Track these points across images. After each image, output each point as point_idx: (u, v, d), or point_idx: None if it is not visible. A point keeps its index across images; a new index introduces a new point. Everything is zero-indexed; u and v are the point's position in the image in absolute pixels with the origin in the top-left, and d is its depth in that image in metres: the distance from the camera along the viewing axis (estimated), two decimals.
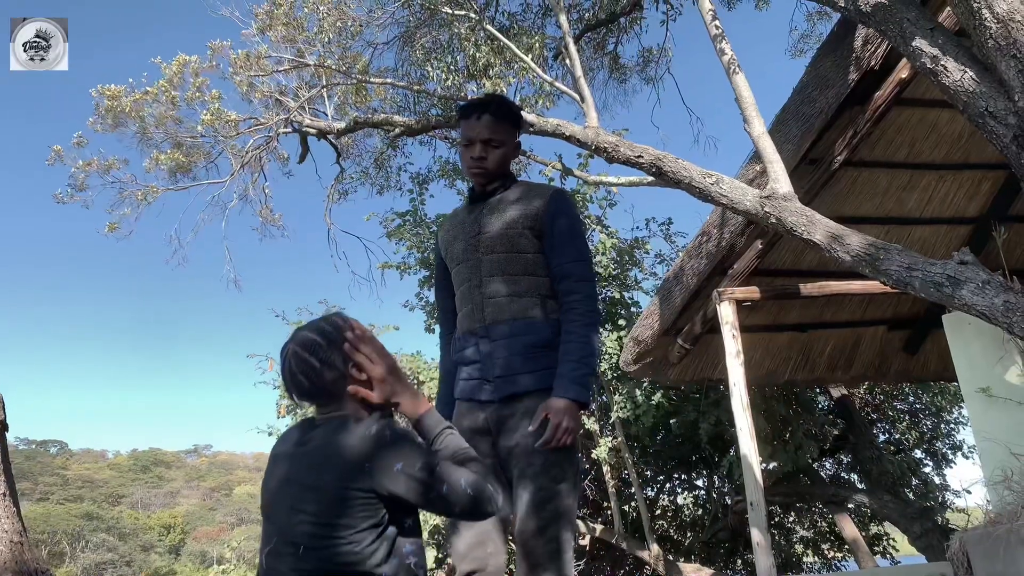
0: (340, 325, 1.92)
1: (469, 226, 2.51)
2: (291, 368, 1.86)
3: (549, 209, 2.44)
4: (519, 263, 2.41)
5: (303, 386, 1.86)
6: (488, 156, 2.47)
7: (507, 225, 2.43)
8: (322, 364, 1.84)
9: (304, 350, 1.86)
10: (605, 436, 9.51)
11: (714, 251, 5.94)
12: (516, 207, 2.47)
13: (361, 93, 9.77)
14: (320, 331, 1.89)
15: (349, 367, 1.87)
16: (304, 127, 9.36)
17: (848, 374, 7.86)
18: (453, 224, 2.60)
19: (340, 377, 1.86)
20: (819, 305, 7.28)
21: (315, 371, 1.84)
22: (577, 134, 5.76)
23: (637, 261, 10.09)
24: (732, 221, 5.74)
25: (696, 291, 6.28)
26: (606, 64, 10.40)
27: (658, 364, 7.24)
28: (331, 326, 1.91)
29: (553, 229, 2.42)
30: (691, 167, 4.69)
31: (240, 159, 9.72)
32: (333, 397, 1.86)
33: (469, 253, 2.47)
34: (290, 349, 1.88)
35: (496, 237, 2.43)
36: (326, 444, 1.78)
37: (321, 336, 1.88)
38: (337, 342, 1.88)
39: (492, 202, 2.51)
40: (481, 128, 2.46)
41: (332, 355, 1.86)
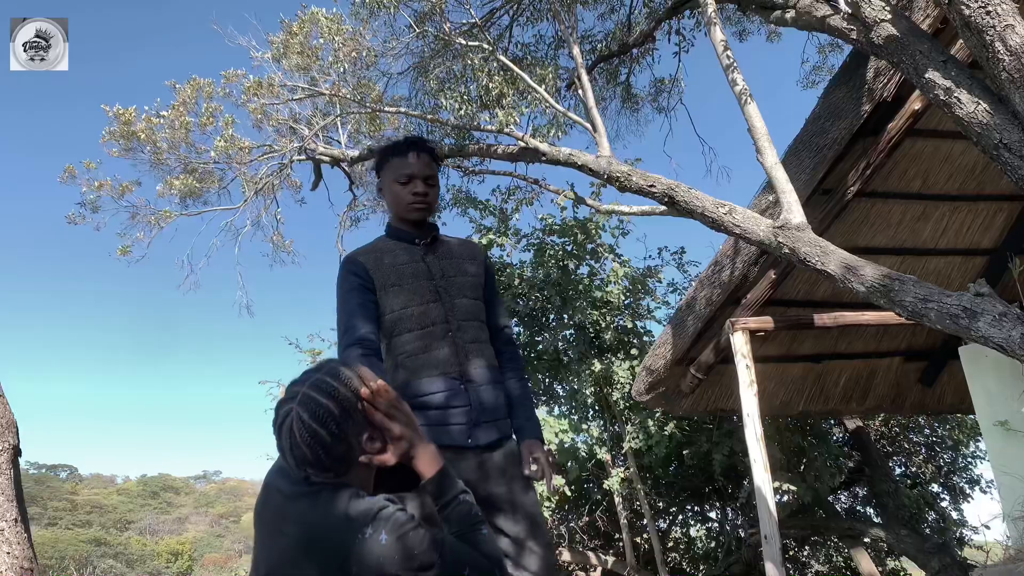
0: (352, 384, 1.70)
1: (423, 267, 2.48)
2: (292, 434, 1.65)
3: (488, 267, 2.64)
4: (482, 312, 2.53)
5: (305, 458, 1.65)
6: (428, 192, 2.51)
7: (469, 274, 2.53)
8: (333, 438, 1.64)
9: (313, 419, 1.64)
10: (617, 466, 9.43)
11: (727, 281, 5.94)
12: (465, 258, 2.58)
13: (375, 122, 9.87)
14: (331, 394, 1.67)
15: (364, 439, 1.68)
16: (317, 155, 9.45)
17: (863, 406, 7.80)
18: (389, 259, 2.48)
19: (351, 450, 1.68)
20: (833, 336, 7.24)
21: (324, 445, 1.64)
22: (589, 163, 5.78)
23: (650, 290, 10.08)
24: (745, 251, 5.74)
25: (709, 321, 6.26)
26: (618, 94, 10.47)
27: (671, 394, 7.20)
28: (343, 385, 1.69)
29: (491, 285, 2.62)
30: (704, 197, 4.70)
31: (253, 186, 9.81)
32: (339, 469, 1.67)
33: (434, 295, 2.44)
34: (293, 413, 1.66)
35: (464, 285, 2.51)
36: (315, 524, 1.60)
37: (334, 402, 1.66)
38: (352, 410, 1.67)
39: (439, 248, 2.56)
40: (421, 165, 2.50)
41: (347, 426, 1.66)
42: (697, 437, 8.97)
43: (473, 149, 8.28)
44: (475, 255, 2.63)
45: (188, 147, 9.57)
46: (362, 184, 11.14)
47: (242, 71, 9.39)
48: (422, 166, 2.50)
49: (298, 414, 1.65)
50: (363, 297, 2.42)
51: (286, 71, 9.35)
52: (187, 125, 9.30)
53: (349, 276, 2.45)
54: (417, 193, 2.48)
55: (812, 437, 9.33)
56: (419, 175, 2.49)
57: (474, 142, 8.63)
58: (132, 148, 9.41)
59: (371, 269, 2.45)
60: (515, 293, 9.80)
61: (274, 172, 9.69)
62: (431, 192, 2.52)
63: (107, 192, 9.54)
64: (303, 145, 9.21)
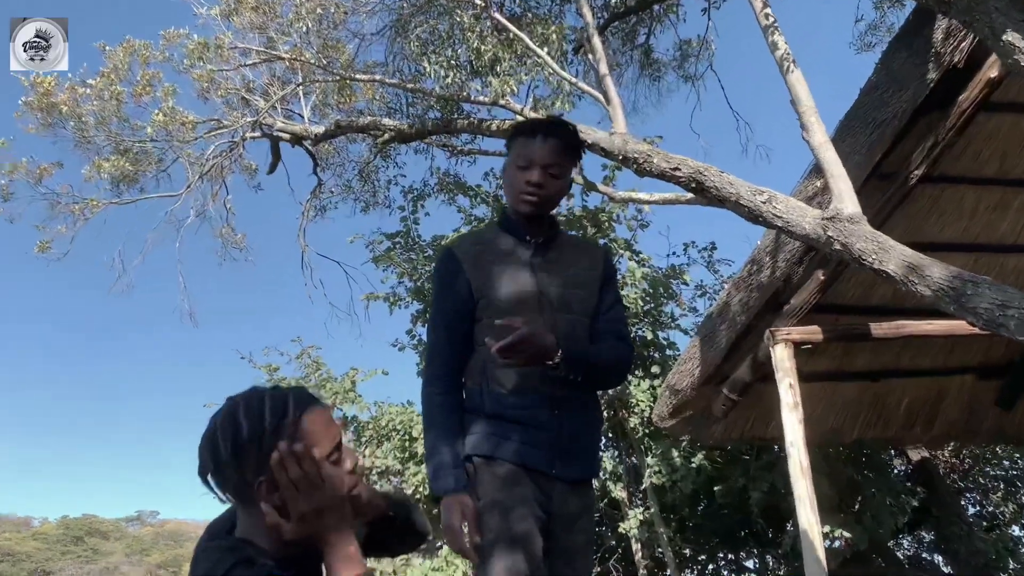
0: (283, 421, 1.69)
1: (528, 271, 2.60)
2: (204, 436, 1.70)
3: (606, 272, 2.74)
4: (587, 329, 2.63)
5: (204, 468, 1.69)
6: (546, 184, 2.59)
7: (579, 283, 2.63)
8: (228, 460, 1.66)
9: (221, 428, 1.68)
10: (635, 506, 9.44)
11: (766, 283, 5.94)
12: (581, 266, 2.67)
13: (344, 92, 9.89)
14: (252, 415, 1.68)
15: (259, 482, 1.66)
16: (275, 131, 9.47)
17: (929, 433, 7.80)
18: (492, 257, 2.63)
19: (246, 487, 1.67)
20: (893, 349, 7.25)
21: (219, 463, 1.67)
22: (601, 142, 5.80)
23: (673, 294, 10.10)
24: (788, 247, 5.75)
25: (745, 331, 6.27)
26: (636, 59, 10.51)
27: (699, 419, 7.20)
28: (272, 414, 1.69)
29: (611, 291, 2.73)
30: (738, 182, 4.71)
31: (198, 168, 9.83)
32: (237, 499, 1.70)
33: (536, 305, 2.56)
34: (217, 412, 1.72)
35: (572, 296, 2.61)
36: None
37: (248, 422, 1.67)
38: (261, 442, 1.66)
39: (553, 250, 2.66)
40: (545, 152, 2.58)
41: (246, 455, 1.65)
42: (731, 471, 8.97)
43: (462, 125, 8.31)
44: (594, 262, 2.72)
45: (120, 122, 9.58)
46: (329, 166, 11.18)
47: (184, 30, 9.41)
48: (547, 153, 2.58)
49: (216, 419, 1.70)
50: (454, 305, 2.60)
51: (237, 30, 9.36)
52: (119, 96, 9.31)
53: (442, 273, 2.64)
54: (531, 182, 2.57)
55: (869, 471, 9.33)
56: (540, 162, 2.58)
57: (463, 116, 8.64)
58: (52, 123, 9.41)
59: (469, 265, 2.60)
60: None
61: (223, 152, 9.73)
62: (550, 185, 2.60)
63: (22, 176, 9.54)
64: (258, 120, 9.23)
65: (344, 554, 1.67)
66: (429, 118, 8.94)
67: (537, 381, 2.50)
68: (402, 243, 10.74)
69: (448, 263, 2.61)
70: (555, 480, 2.49)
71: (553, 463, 2.49)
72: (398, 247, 10.71)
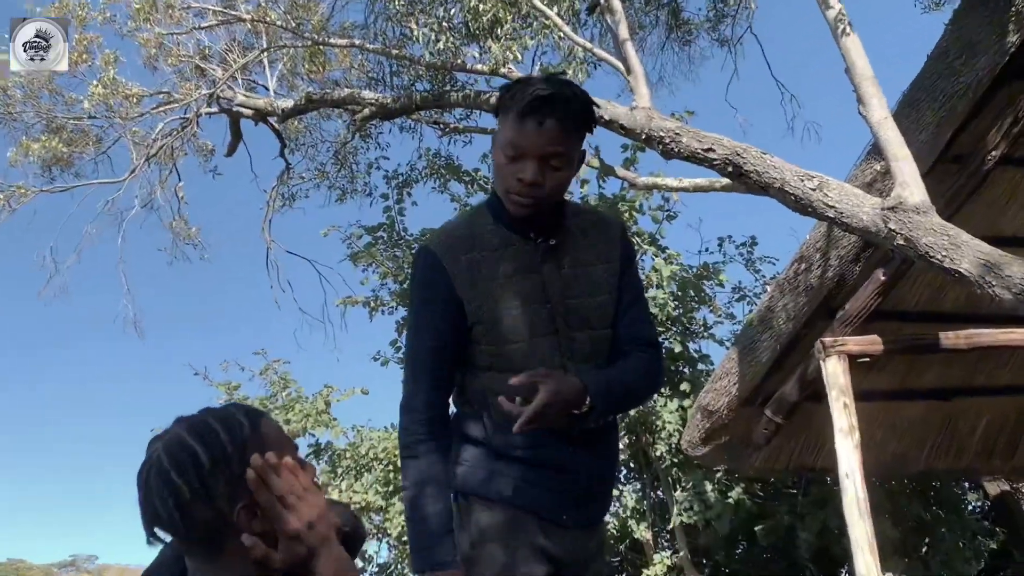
0: (243, 436, 1.71)
1: (537, 282, 2.42)
2: (148, 483, 1.67)
3: (624, 256, 2.55)
4: (608, 345, 2.52)
5: (159, 517, 1.66)
6: (545, 181, 2.31)
7: (598, 286, 2.48)
8: (194, 494, 1.64)
9: (172, 463, 1.66)
10: (661, 549, 9.44)
11: (817, 285, 5.95)
12: (598, 256, 2.50)
13: (316, 59, 9.91)
14: (206, 437, 1.69)
15: (237, 510, 1.67)
16: (235, 106, 9.46)
17: (1010, 463, 7.79)
18: (489, 267, 2.43)
19: (221, 521, 1.66)
20: (967, 362, 7.24)
21: (182, 502, 1.64)
22: (621, 118, 5.78)
23: (707, 298, 10.10)
24: (842, 242, 5.76)
25: (792, 341, 6.27)
26: (662, 20, 10.50)
27: (737, 446, 7.20)
28: (228, 432, 1.70)
29: (631, 283, 2.59)
30: (783, 165, 4.71)
31: (144, 150, 9.83)
32: (205, 544, 1.69)
33: (548, 324, 2.43)
34: (155, 452, 1.70)
35: (592, 306, 2.47)
36: None
37: (205, 447, 1.67)
38: (228, 463, 1.67)
39: (563, 248, 2.47)
40: (543, 139, 2.27)
41: (215, 482, 1.65)
42: (775, 507, 8.96)
43: (456, 98, 8.31)
44: (611, 248, 2.53)
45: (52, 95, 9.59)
46: (299, 147, 11.17)
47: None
48: (545, 139, 2.27)
49: (158, 453, 1.68)
50: (438, 323, 2.42)
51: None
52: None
53: (424, 283, 2.46)
54: (524, 181, 2.29)
55: (938, 507, 9.32)
56: (535, 153, 2.28)
57: (457, 88, 8.64)
58: None
59: (460, 281, 2.40)
60: None
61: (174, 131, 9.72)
62: (551, 180, 2.33)
63: None
64: (215, 93, 9.23)
65: (337, 561, 1.71)
66: (417, 90, 8.95)
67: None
68: (385, 238, 10.75)
69: (430, 272, 2.42)
70: (567, 527, 2.45)
71: (567, 510, 2.43)
72: (380, 242, 10.72)
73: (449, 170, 10.68)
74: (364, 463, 11.12)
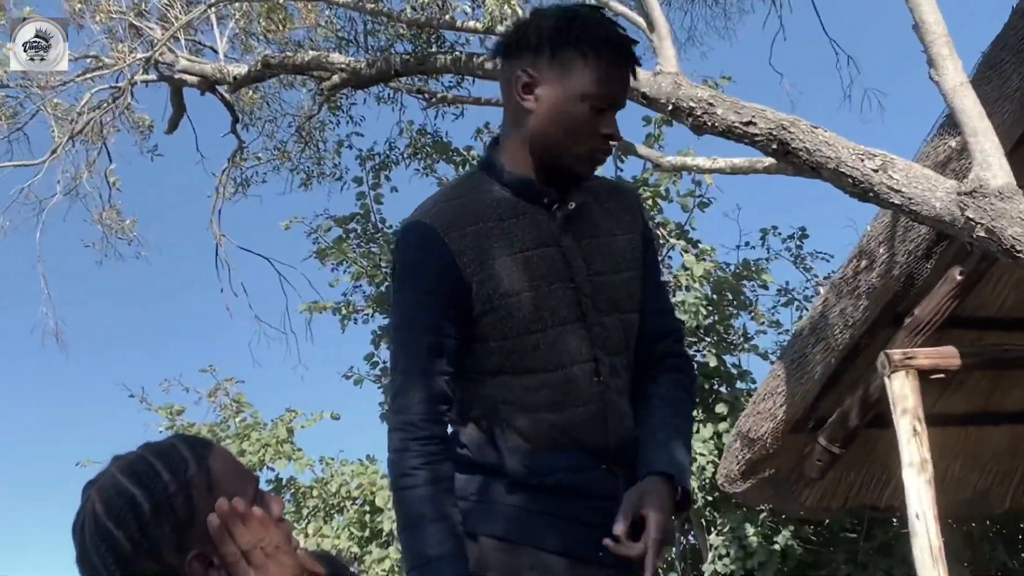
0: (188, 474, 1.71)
1: (558, 258, 2.37)
2: (83, 537, 1.69)
3: (644, 224, 2.56)
4: (635, 334, 2.48)
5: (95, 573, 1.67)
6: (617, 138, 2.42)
7: (624, 261, 2.46)
8: (136, 546, 1.65)
9: (109, 512, 1.67)
10: None
11: (880, 286, 5.98)
12: (619, 225, 2.50)
13: (276, 16, 9.91)
14: (145, 479, 1.69)
15: (188, 560, 1.67)
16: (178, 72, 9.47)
17: None
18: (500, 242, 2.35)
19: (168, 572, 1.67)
20: None
21: (123, 556, 1.65)
22: (643, 85, 5.75)
23: (747, 302, 10.10)
24: (911, 234, 5.78)
25: (850, 354, 6.28)
26: None
27: (784, 481, 7.21)
28: (171, 470, 1.70)
29: (652, 257, 2.58)
30: (838, 141, 4.71)
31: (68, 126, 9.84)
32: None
33: (575, 310, 2.37)
34: (89, 500, 1.72)
35: (619, 284, 2.44)
36: None
37: (144, 489, 1.67)
38: (172, 506, 1.67)
39: (584, 216, 2.45)
40: (627, 89, 2.41)
41: (159, 531, 1.66)
42: (831, 555, 8.97)
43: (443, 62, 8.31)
44: (633, 218, 2.55)
45: None
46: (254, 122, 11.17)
47: None
48: (627, 88, 2.41)
49: (93, 501, 1.69)
50: (437, 315, 2.32)
51: None
52: None
53: (416, 266, 2.36)
54: (613, 136, 2.35)
55: None
56: (620, 102, 2.37)
57: (446, 50, 8.64)
58: None
59: (467, 259, 2.32)
60: None
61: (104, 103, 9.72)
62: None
63: None
64: (152, 56, 9.24)
65: None
66: (396, 53, 8.97)
67: (578, 429, 2.34)
68: (359, 230, 10.76)
69: (426, 250, 2.33)
70: (606, 565, 2.30)
71: (602, 546, 2.26)
72: (353, 236, 10.73)
73: (436, 148, 10.68)
74: (334, 503, 11.12)
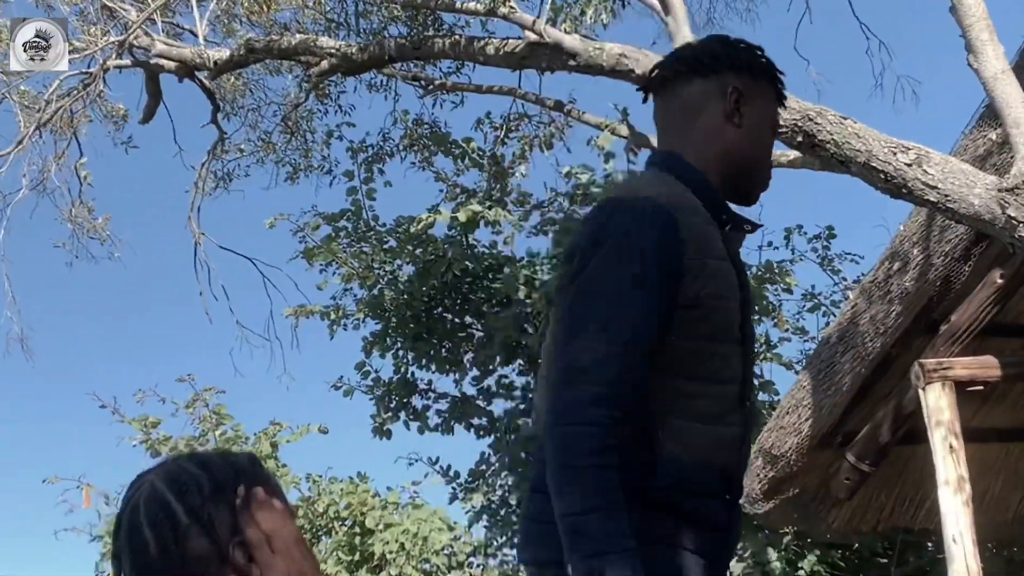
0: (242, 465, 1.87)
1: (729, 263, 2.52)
2: (131, 520, 1.78)
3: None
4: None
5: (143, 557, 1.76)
6: None
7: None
8: (192, 520, 1.75)
9: (170, 484, 1.79)
10: None
11: (914, 290, 5.96)
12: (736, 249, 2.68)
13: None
14: (209, 463, 1.85)
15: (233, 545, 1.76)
16: (154, 57, 9.46)
17: None
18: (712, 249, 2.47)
19: (215, 554, 1.76)
20: None
21: (175, 530, 1.75)
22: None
23: (770, 307, 10.09)
24: (947, 234, 5.77)
25: (881, 364, 6.26)
26: None
27: (810, 502, 7.20)
28: (228, 464, 1.86)
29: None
30: (869, 133, 4.71)
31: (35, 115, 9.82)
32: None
33: (737, 327, 2.51)
34: (145, 483, 1.83)
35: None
36: None
37: (207, 472, 1.82)
38: (226, 492, 1.80)
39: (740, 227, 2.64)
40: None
41: (214, 509, 1.77)
42: None
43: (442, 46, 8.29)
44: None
45: None
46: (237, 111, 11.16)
47: None
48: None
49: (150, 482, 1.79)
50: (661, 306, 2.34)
51: None
52: None
53: (661, 251, 2.35)
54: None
55: None
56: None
57: (445, 33, 8.63)
58: None
59: (692, 254, 2.39)
60: (520, 313, 9.80)
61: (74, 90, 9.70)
62: None
63: None
64: (127, 40, 9.23)
65: None
66: (390, 36, 8.95)
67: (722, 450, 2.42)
68: (349, 229, 10.71)
69: (666, 233, 2.35)
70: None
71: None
72: (343, 235, 10.68)
73: (434, 140, 10.67)
74: (322, 524, 11.11)
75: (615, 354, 2.25)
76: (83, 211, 10.76)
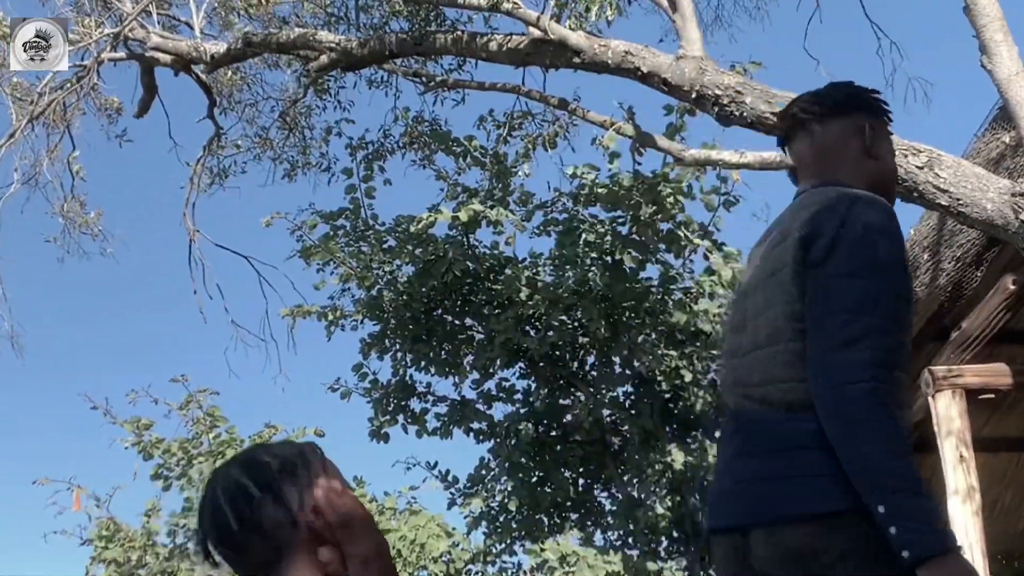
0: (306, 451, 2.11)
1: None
2: (212, 502, 2.03)
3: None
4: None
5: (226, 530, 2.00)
6: None
7: None
8: (265, 492, 2.01)
9: (243, 470, 2.05)
10: None
11: (924, 296, 5.97)
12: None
13: None
14: (271, 451, 2.10)
15: (307, 514, 1.99)
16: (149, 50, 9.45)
17: None
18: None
19: (287, 519, 1.99)
20: None
21: (249, 502, 1.99)
22: (663, 70, 5.80)
23: None
24: (959, 238, 5.76)
25: None
26: None
27: None
28: (292, 449, 2.12)
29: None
30: None
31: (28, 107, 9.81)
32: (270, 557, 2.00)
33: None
34: (220, 472, 2.12)
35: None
36: None
37: (272, 455, 2.08)
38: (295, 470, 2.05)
39: None
40: None
41: (283, 483, 2.02)
42: None
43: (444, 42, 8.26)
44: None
45: None
46: (234, 106, 11.14)
47: None
48: None
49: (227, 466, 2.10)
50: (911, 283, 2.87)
51: None
52: None
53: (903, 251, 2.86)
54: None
55: None
56: None
57: (446, 28, 8.62)
58: None
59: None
60: (522, 315, 9.78)
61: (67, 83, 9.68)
62: None
63: None
64: (122, 32, 9.20)
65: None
66: (391, 31, 8.93)
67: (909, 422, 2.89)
68: (348, 227, 10.72)
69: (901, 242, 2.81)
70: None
71: None
72: (341, 233, 10.68)
73: (435, 137, 10.65)
74: None
75: (892, 344, 2.61)
76: (75, 206, 10.77)
